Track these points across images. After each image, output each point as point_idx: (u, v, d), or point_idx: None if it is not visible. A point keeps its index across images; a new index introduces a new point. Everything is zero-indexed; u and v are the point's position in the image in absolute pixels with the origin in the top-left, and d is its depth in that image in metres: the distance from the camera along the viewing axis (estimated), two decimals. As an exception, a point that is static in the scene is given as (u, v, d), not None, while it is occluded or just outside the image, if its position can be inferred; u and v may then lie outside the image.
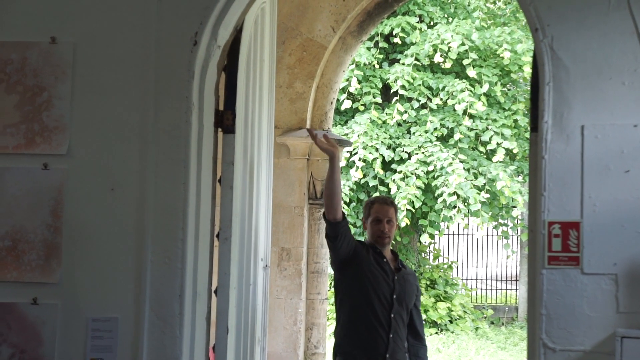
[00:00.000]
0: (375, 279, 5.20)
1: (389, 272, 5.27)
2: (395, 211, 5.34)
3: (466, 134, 14.22)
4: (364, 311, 5.17)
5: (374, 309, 5.16)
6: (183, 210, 4.13)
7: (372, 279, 5.19)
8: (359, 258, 5.21)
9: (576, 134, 3.88)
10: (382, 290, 5.20)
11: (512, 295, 19.93)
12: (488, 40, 14.24)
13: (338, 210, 5.06)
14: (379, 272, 5.23)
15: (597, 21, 3.90)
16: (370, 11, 7.57)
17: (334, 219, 5.07)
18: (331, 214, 5.06)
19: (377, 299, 5.18)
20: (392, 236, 5.36)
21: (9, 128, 4.21)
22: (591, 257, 3.83)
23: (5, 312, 4.16)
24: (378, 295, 5.19)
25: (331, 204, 5.05)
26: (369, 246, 5.31)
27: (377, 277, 5.21)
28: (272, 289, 7.28)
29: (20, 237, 4.17)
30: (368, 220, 5.34)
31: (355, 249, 5.21)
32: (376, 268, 5.22)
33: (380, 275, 5.22)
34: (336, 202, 5.05)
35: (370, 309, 5.17)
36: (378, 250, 5.30)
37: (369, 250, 5.28)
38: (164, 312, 4.10)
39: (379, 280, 5.21)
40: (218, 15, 4.22)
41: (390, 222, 5.30)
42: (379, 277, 5.21)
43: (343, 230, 5.11)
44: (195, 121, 4.19)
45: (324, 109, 7.71)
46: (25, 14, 4.28)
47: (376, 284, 5.19)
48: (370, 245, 5.32)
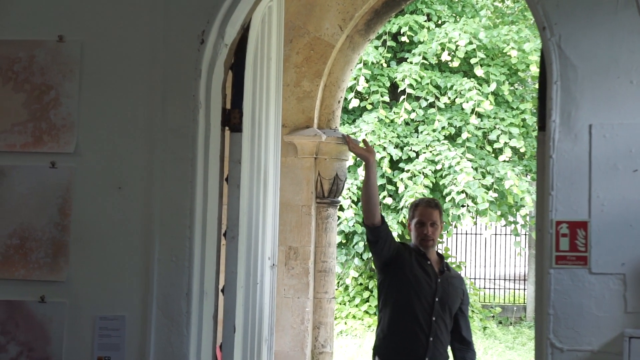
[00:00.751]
0: (417, 281, 5.16)
1: (431, 275, 5.23)
2: (440, 213, 5.30)
3: (474, 133, 14.20)
4: (404, 313, 5.14)
5: (414, 312, 5.12)
6: (190, 209, 4.13)
7: (414, 281, 5.15)
8: (401, 260, 5.18)
9: (584, 133, 3.87)
10: (423, 293, 5.16)
11: (520, 295, 19.89)
12: (495, 39, 14.22)
13: (376, 215, 5.06)
14: (420, 274, 5.19)
15: (605, 20, 3.89)
16: (378, 10, 7.55)
17: (372, 224, 5.08)
18: (369, 219, 5.07)
19: (418, 301, 5.14)
20: (437, 239, 5.33)
21: (17, 126, 4.22)
22: (599, 257, 3.82)
23: (13, 310, 4.17)
24: (419, 298, 5.14)
25: (368, 209, 5.06)
26: (413, 248, 5.28)
27: (419, 279, 5.17)
28: (280, 287, 7.28)
29: (28, 235, 4.18)
30: (412, 222, 5.30)
31: (398, 251, 5.19)
32: (418, 270, 5.19)
33: (422, 278, 5.18)
34: (373, 207, 5.05)
35: (411, 311, 5.13)
36: (422, 253, 5.26)
37: (411, 253, 5.24)
38: (171, 311, 4.10)
39: (421, 282, 5.17)
40: (225, 13, 4.22)
41: (434, 225, 5.26)
42: (420, 280, 5.17)
43: (383, 234, 5.10)
44: (202, 120, 4.19)
45: (331, 107, 7.70)
46: (32, 13, 4.28)
47: (418, 286, 5.15)
48: (414, 248, 5.28)
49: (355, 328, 15.04)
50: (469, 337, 5.42)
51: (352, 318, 15.30)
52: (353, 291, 15.55)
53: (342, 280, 15.50)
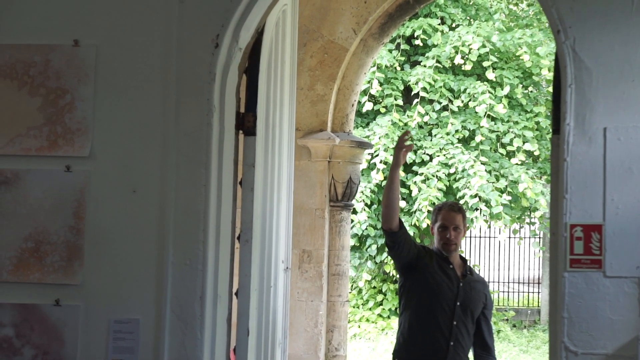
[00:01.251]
0: (438, 285, 5.12)
1: (453, 278, 5.19)
2: (463, 217, 5.27)
3: (487, 136, 14.17)
4: (425, 317, 5.11)
5: (434, 315, 5.09)
6: (204, 212, 4.14)
7: (434, 285, 5.12)
8: (422, 264, 5.15)
9: (598, 136, 3.86)
10: (444, 297, 5.12)
11: (534, 298, 19.83)
12: (509, 42, 14.19)
13: (394, 220, 5.02)
14: (442, 278, 5.15)
15: (620, 23, 3.88)
16: (392, 13, 7.55)
17: (389, 228, 5.04)
18: (387, 223, 5.03)
19: (438, 305, 5.10)
20: (460, 243, 5.30)
21: (32, 130, 4.24)
22: (613, 260, 3.81)
23: (27, 313, 4.19)
24: (440, 302, 5.11)
25: (388, 213, 5.02)
26: (434, 252, 5.25)
27: (439, 283, 5.13)
28: (293, 291, 7.28)
29: (43, 239, 4.20)
30: (435, 226, 5.27)
31: (418, 255, 5.16)
32: (439, 274, 5.15)
33: (443, 282, 5.15)
34: (392, 211, 5.01)
35: (431, 315, 5.10)
36: (444, 256, 5.23)
37: (432, 256, 5.21)
38: (185, 314, 4.11)
39: (442, 286, 5.13)
40: (239, 17, 4.23)
41: (457, 229, 5.23)
42: (441, 283, 5.13)
43: (400, 239, 5.07)
44: (216, 123, 4.20)
45: (345, 111, 7.70)
46: (48, 17, 4.30)
47: (438, 289, 5.11)
48: (436, 251, 5.26)
49: (368, 331, 15.03)
50: (491, 343, 5.38)
51: (366, 321, 15.30)
52: (366, 294, 15.54)
53: (355, 284, 15.49)
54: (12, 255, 4.21)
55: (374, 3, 7.45)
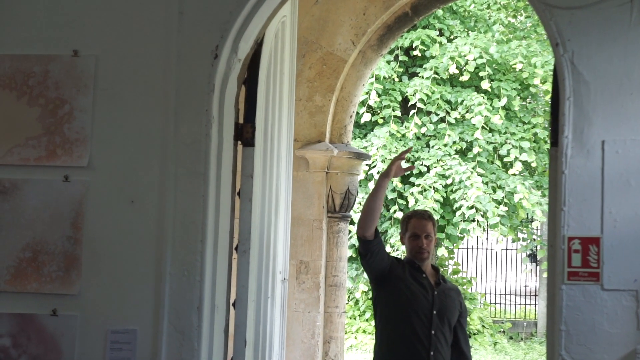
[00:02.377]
0: (413, 295, 5.08)
1: (427, 287, 5.15)
2: (433, 225, 5.23)
3: (485, 147, 14.19)
4: (402, 328, 5.06)
5: (412, 326, 5.04)
6: (202, 223, 4.14)
7: (410, 295, 5.07)
8: (395, 275, 5.11)
9: (597, 149, 3.86)
10: (420, 306, 5.08)
11: (531, 310, 19.81)
12: (506, 53, 14.22)
13: (371, 228, 4.99)
14: (416, 287, 5.11)
15: (618, 36, 3.89)
16: (391, 25, 7.57)
17: (363, 236, 5.01)
18: (363, 230, 5.00)
19: (415, 315, 5.06)
20: (432, 251, 5.26)
21: (31, 140, 4.25)
22: (611, 273, 3.81)
23: (25, 323, 4.18)
24: (416, 311, 5.06)
25: (366, 221, 5.00)
26: (406, 262, 5.21)
27: (414, 292, 5.09)
28: (290, 302, 7.27)
29: (41, 249, 4.20)
30: (406, 236, 5.23)
31: (391, 266, 5.11)
32: (413, 284, 5.11)
33: (418, 291, 5.10)
34: (371, 220, 4.99)
35: (409, 325, 5.05)
36: (416, 266, 5.19)
37: (405, 267, 5.17)
38: (183, 325, 4.10)
39: (417, 295, 5.09)
40: (239, 29, 4.24)
41: (429, 237, 5.19)
42: (416, 293, 5.09)
43: (375, 248, 5.03)
44: (215, 134, 4.21)
45: (343, 122, 7.71)
46: (47, 27, 4.31)
47: (414, 299, 5.07)
48: (408, 261, 5.21)
49: (365, 343, 15.01)
50: (468, 351, 5.38)
51: (362, 332, 15.28)
52: (363, 305, 15.53)
53: (352, 295, 15.48)
54: (10, 265, 4.20)
55: (372, 15, 7.46)
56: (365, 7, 7.43)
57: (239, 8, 4.21)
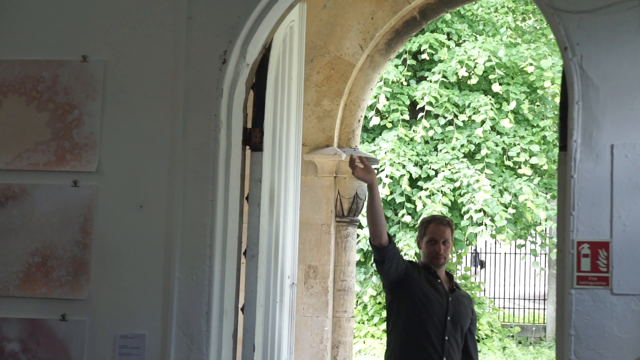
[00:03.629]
0: (428, 300, 5.09)
1: (442, 293, 5.16)
2: (451, 231, 5.23)
3: (493, 149, 14.16)
4: (416, 333, 5.07)
5: (426, 331, 5.05)
6: (210, 228, 4.14)
7: (425, 300, 5.08)
8: (410, 279, 5.11)
9: (606, 153, 3.85)
10: (435, 311, 5.09)
11: (540, 315, 19.76)
12: (514, 57, 14.20)
13: (382, 235, 5.00)
14: (431, 293, 5.12)
15: (627, 40, 3.88)
16: (399, 29, 7.57)
17: (379, 244, 5.02)
18: (376, 239, 5.02)
19: (430, 321, 5.07)
20: (448, 257, 5.27)
21: (40, 145, 4.26)
22: (621, 278, 3.79)
23: (34, 328, 4.19)
24: (431, 317, 5.07)
25: (374, 230, 5.01)
26: (422, 266, 5.22)
27: (429, 298, 5.10)
28: (299, 306, 7.27)
29: (50, 254, 4.20)
30: (423, 240, 5.23)
31: (406, 270, 5.12)
32: (429, 289, 5.12)
33: (433, 296, 5.11)
34: (379, 227, 4.99)
35: (423, 330, 5.06)
36: (432, 271, 5.19)
37: (421, 271, 5.18)
38: (191, 329, 4.10)
39: (432, 301, 5.10)
40: (247, 33, 4.25)
41: (446, 243, 5.19)
42: (431, 298, 5.10)
43: (389, 254, 5.04)
44: (223, 139, 4.21)
45: (351, 126, 7.71)
46: (56, 33, 4.32)
47: (429, 305, 5.08)
48: (424, 266, 5.21)
49: (373, 347, 14.98)
50: (476, 358, 5.38)
51: (371, 337, 15.26)
52: (372, 310, 15.51)
53: (360, 299, 15.46)
54: (19, 270, 4.21)
55: (380, 19, 7.46)
56: (373, 12, 7.43)
57: (248, 13, 4.22)
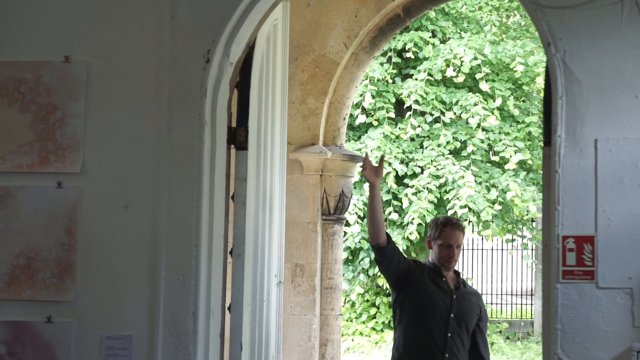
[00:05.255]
0: (430, 298, 5.11)
1: (447, 291, 5.18)
2: (464, 235, 5.30)
3: (479, 146, 14.19)
4: (418, 330, 5.10)
5: (428, 328, 5.08)
6: (196, 227, 4.13)
7: (427, 298, 5.11)
8: (413, 278, 5.14)
9: (589, 147, 3.87)
10: (437, 309, 5.11)
11: (527, 310, 19.81)
12: (500, 54, 14.24)
13: (381, 235, 5.03)
14: (434, 291, 5.14)
15: (610, 35, 3.90)
16: (383, 27, 7.57)
17: (377, 244, 5.06)
18: (374, 239, 5.06)
19: (432, 318, 5.09)
20: (458, 259, 5.30)
21: (23, 147, 4.24)
22: (606, 271, 3.81)
23: (20, 330, 4.17)
24: (433, 314, 5.10)
25: (373, 230, 5.05)
26: (428, 266, 5.24)
27: (432, 296, 5.12)
28: (286, 305, 7.26)
29: (35, 256, 4.19)
30: (436, 242, 5.23)
31: (409, 269, 5.15)
32: (431, 287, 5.14)
33: (436, 294, 5.14)
34: (378, 228, 5.02)
35: (425, 328, 5.09)
36: (437, 270, 5.22)
37: (424, 270, 5.20)
38: (178, 329, 4.09)
39: (435, 298, 5.12)
40: (230, 32, 4.24)
41: (459, 248, 5.24)
42: (434, 296, 5.13)
43: (388, 254, 5.07)
44: (207, 138, 4.20)
45: (336, 124, 7.71)
46: (39, 34, 4.31)
47: (431, 302, 5.11)
48: (430, 265, 5.24)
49: (362, 345, 14.99)
50: (487, 356, 5.37)
51: (359, 335, 15.26)
52: (360, 308, 15.52)
53: (348, 297, 15.47)
54: (4, 272, 4.19)
55: (364, 17, 7.46)
56: (357, 10, 7.43)
57: (230, 12, 4.21)
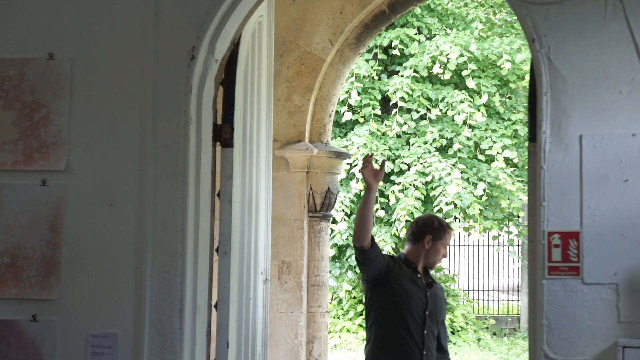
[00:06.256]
0: (408, 296, 5.15)
1: (422, 288, 5.24)
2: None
3: (465, 143, 14.22)
4: (397, 329, 5.13)
5: (407, 327, 5.13)
6: (182, 225, 4.12)
7: (405, 296, 5.15)
8: (391, 276, 5.16)
9: (574, 143, 3.88)
10: (415, 307, 5.16)
11: (514, 306, 19.89)
12: (487, 51, 14.26)
13: (366, 238, 5.03)
14: (411, 288, 5.19)
15: (594, 31, 3.91)
16: (368, 24, 7.57)
17: (360, 246, 5.05)
18: (358, 241, 5.04)
19: (410, 316, 5.14)
20: None
21: (7, 145, 4.21)
22: (591, 267, 3.82)
23: (4, 329, 4.15)
24: (411, 313, 5.14)
25: (360, 232, 5.03)
26: (402, 260, 5.28)
27: (409, 294, 5.16)
28: (273, 302, 7.26)
29: (19, 254, 4.16)
30: (439, 242, 5.30)
31: (387, 267, 5.16)
32: (408, 284, 5.18)
33: (412, 292, 5.18)
34: (365, 230, 5.02)
35: (404, 326, 5.13)
36: (413, 266, 5.27)
37: (401, 266, 5.24)
38: (164, 327, 4.08)
39: (412, 297, 5.16)
40: (215, 29, 4.23)
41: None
42: (411, 294, 5.17)
43: (370, 257, 5.07)
44: (193, 135, 4.19)
45: (322, 121, 7.70)
46: (22, 31, 4.28)
47: (409, 301, 5.15)
48: (403, 259, 5.29)
49: (349, 342, 15.01)
50: (446, 346, 5.49)
51: (346, 332, 15.28)
52: (347, 304, 15.53)
53: (336, 294, 15.48)
54: (-12, 270, 4.17)
55: (350, 13, 7.46)
56: (342, 6, 7.43)
57: (215, 8, 4.20)
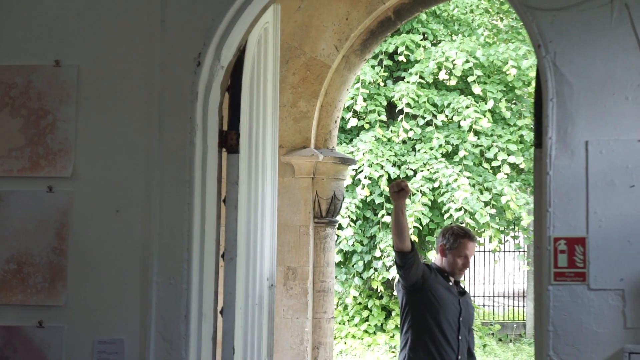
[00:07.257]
0: (444, 303, 5.37)
1: (455, 295, 5.46)
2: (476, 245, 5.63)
3: (471, 150, 14.21)
4: (435, 334, 5.33)
5: (443, 332, 5.33)
6: (188, 231, 4.13)
7: (441, 302, 5.37)
8: (428, 283, 5.37)
9: (580, 149, 3.88)
10: (450, 314, 5.39)
11: (519, 312, 19.84)
12: (492, 57, 14.26)
13: (406, 242, 5.21)
14: (447, 296, 5.41)
15: (600, 37, 3.91)
16: (374, 30, 7.57)
17: (401, 250, 5.24)
18: (399, 246, 5.23)
19: (446, 322, 5.36)
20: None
21: (14, 151, 4.22)
22: (597, 273, 3.82)
23: (11, 335, 4.16)
24: (447, 318, 5.36)
25: (397, 239, 5.22)
26: (436, 269, 5.48)
27: (445, 300, 5.38)
28: (278, 308, 7.25)
29: (26, 260, 4.17)
30: (452, 252, 5.47)
31: (424, 274, 5.36)
32: (444, 292, 5.40)
33: (448, 299, 5.40)
34: (403, 237, 5.20)
35: (441, 331, 5.33)
36: (445, 274, 5.48)
37: (436, 274, 5.44)
38: (170, 333, 4.09)
39: (447, 303, 5.39)
40: (221, 36, 4.24)
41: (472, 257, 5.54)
42: (446, 301, 5.39)
43: (410, 261, 5.26)
44: (199, 142, 4.20)
45: (328, 127, 7.71)
46: (29, 38, 4.29)
47: (445, 307, 5.37)
48: (437, 269, 5.49)
49: (354, 348, 14.98)
50: (474, 351, 5.67)
51: (352, 337, 15.26)
52: (352, 310, 15.51)
53: (341, 300, 15.46)
54: (-5, 277, 4.17)
55: (355, 20, 7.47)
56: (348, 13, 7.43)
57: (221, 15, 4.21)
